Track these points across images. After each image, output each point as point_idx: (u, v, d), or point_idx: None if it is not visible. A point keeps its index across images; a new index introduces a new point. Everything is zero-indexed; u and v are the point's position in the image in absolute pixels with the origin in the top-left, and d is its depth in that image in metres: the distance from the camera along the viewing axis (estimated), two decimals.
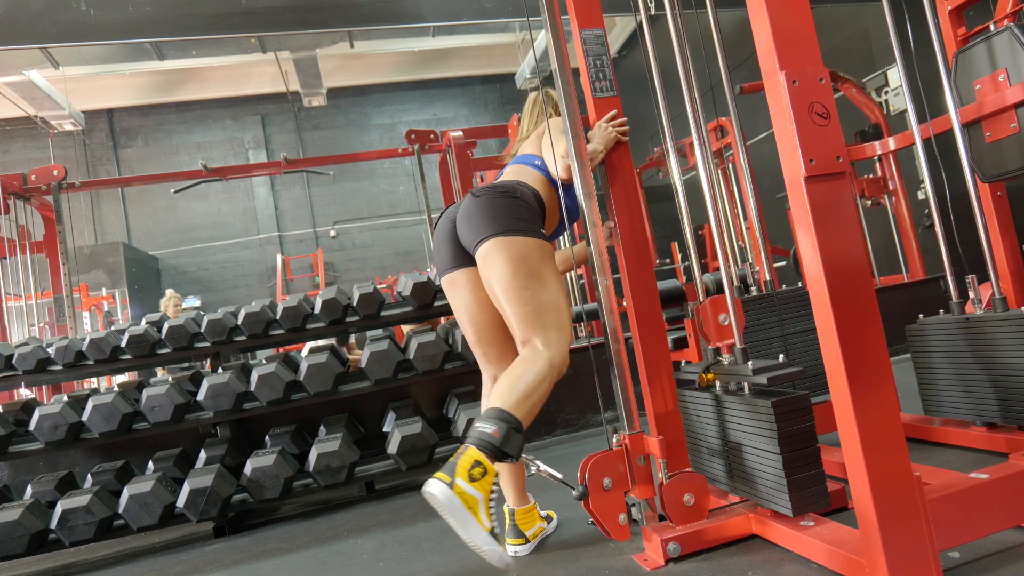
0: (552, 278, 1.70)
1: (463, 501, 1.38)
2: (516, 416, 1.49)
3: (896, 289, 4.50)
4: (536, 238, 1.70)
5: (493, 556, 1.41)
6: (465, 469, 1.40)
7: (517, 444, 1.47)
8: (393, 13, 5.32)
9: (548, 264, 1.70)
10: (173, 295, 5.87)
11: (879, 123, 5.13)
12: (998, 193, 2.27)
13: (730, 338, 1.69)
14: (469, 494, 1.39)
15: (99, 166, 11.80)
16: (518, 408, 1.51)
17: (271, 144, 12.44)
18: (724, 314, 1.70)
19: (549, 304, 1.66)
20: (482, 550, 1.40)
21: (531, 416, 1.54)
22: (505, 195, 1.72)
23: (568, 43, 1.76)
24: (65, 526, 2.45)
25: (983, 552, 1.38)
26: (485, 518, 1.40)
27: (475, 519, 1.38)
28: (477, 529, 1.38)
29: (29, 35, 4.70)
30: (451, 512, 1.38)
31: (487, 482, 1.41)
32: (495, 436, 1.45)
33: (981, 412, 2.00)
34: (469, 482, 1.39)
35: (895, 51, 2.12)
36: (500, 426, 1.46)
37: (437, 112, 13.09)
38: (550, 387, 1.59)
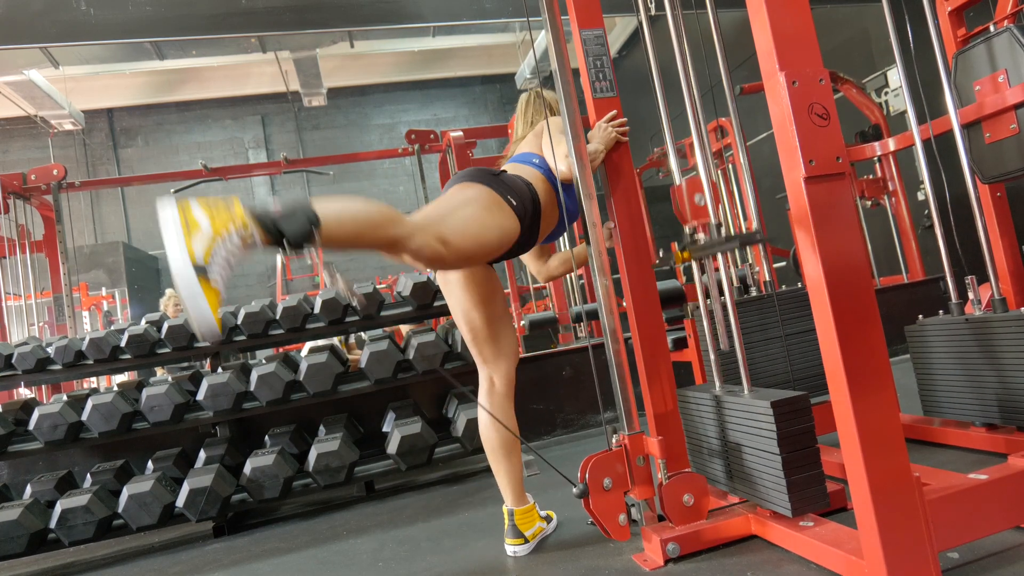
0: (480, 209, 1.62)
1: (183, 217, 1.23)
2: (317, 213, 1.31)
3: (896, 290, 4.50)
4: (494, 191, 1.68)
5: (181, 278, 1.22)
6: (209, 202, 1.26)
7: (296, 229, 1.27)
8: (393, 13, 5.32)
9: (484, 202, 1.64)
10: (173, 295, 5.74)
11: (879, 124, 5.13)
12: (998, 194, 2.27)
13: (706, 217, 1.71)
14: (195, 217, 1.24)
15: (99, 166, 11.80)
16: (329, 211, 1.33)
17: (271, 144, 12.44)
18: (700, 194, 1.70)
19: (461, 212, 1.60)
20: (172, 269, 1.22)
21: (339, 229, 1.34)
22: (485, 170, 1.76)
23: (568, 43, 1.76)
24: (64, 526, 2.45)
25: (982, 553, 1.38)
26: (199, 249, 1.22)
27: (184, 241, 1.22)
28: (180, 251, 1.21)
29: (29, 35, 4.69)
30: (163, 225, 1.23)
31: (223, 220, 1.25)
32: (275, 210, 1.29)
33: (980, 413, 2.00)
34: (204, 209, 1.25)
35: (895, 52, 2.13)
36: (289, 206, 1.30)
37: (437, 112, 13.08)
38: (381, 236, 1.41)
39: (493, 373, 1.88)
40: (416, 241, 1.45)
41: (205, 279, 1.22)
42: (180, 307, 5.64)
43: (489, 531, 2.07)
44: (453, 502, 2.55)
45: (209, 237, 1.23)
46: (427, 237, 1.47)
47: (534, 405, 3.53)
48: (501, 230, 1.65)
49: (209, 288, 1.23)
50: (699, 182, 1.71)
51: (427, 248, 1.47)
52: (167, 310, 5.59)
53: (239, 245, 1.27)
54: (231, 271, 1.28)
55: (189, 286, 1.21)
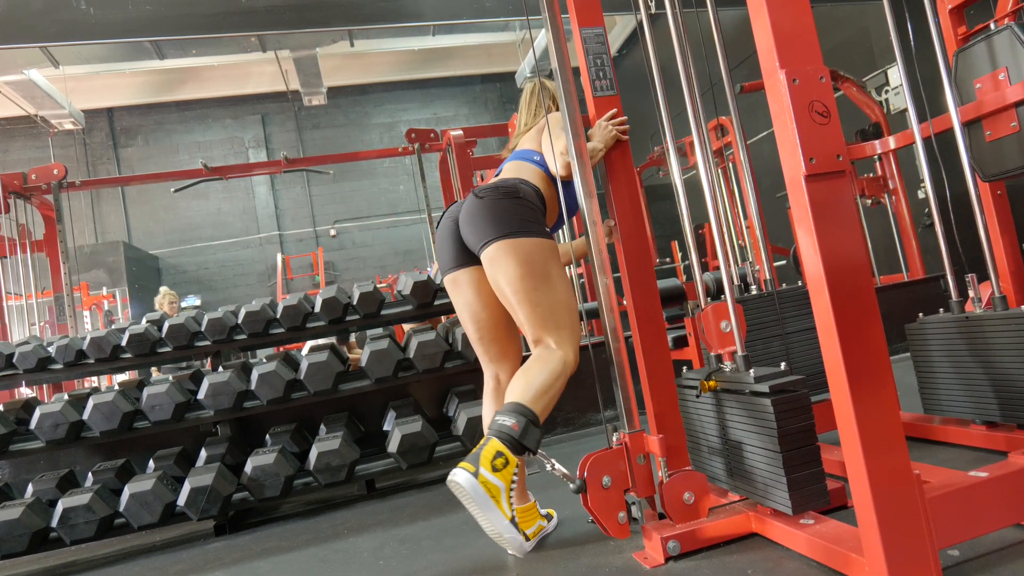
0: (559, 277, 1.73)
1: (487, 490, 1.45)
2: (533, 410, 1.56)
3: (896, 288, 4.51)
4: (541, 237, 1.72)
5: (514, 544, 1.48)
6: (488, 459, 1.47)
7: (535, 437, 1.53)
8: (393, 12, 5.32)
9: (554, 263, 1.73)
10: (168, 292, 5.78)
11: (879, 122, 5.13)
12: (998, 192, 2.27)
13: (732, 345, 1.70)
14: (492, 483, 1.45)
15: (99, 165, 11.80)
16: (535, 403, 1.57)
17: (271, 143, 12.44)
18: (726, 320, 1.70)
19: (560, 304, 1.70)
20: (504, 538, 1.47)
21: (547, 411, 1.60)
22: (509, 195, 1.73)
23: (568, 42, 1.77)
24: (66, 524, 2.46)
25: (982, 550, 1.38)
26: (507, 507, 1.47)
27: (498, 507, 1.45)
28: (499, 517, 1.46)
29: (29, 34, 4.70)
30: (475, 500, 1.45)
31: (508, 472, 1.48)
32: (515, 429, 1.51)
33: (981, 411, 2.00)
34: (492, 472, 1.46)
35: (895, 50, 2.12)
36: (519, 419, 1.53)
37: (437, 111, 13.09)
38: (564, 384, 1.65)
39: (499, 371, 1.89)
40: (571, 364, 1.69)
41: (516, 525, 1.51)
42: (174, 304, 5.66)
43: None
44: (454, 501, 2.55)
45: (506, 491, 1.49)
46: (573, 359, 1.70)
47: None
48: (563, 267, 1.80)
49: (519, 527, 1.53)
50: (725, 309, 1.69)
51: (574, 359, 1.71)
52: (162, 308, 5.57)
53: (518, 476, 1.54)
54: None
55: (515, 539, 1.51)
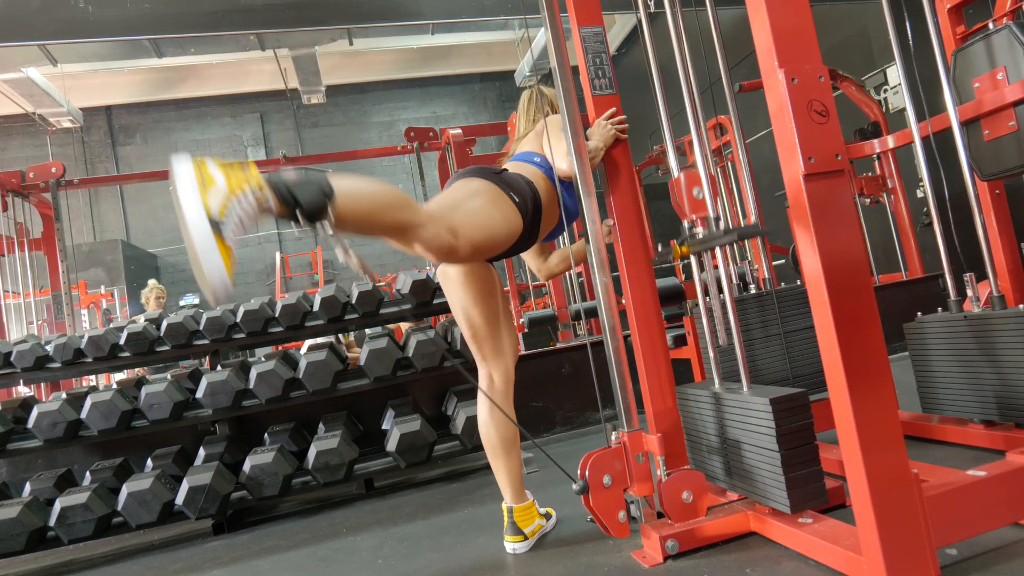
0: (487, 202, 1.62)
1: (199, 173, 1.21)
2: (334, 188, 1.29)
3: (895, 287, 4.51)
4: (497, 186, 1.68)
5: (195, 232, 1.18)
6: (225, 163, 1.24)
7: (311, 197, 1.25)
8: (392, 10, 5.31)
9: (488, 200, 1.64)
10: (155, 286, 5.58)
11: (878, 121, 5.13)
12: (996, 191, 2.28)
13: (704, 211, 1.69)
14: (210, 174, 1.21)
15: (98, 163, 11.79)
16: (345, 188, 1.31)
17: (270, 142, 12.43)
18: (698, 187, 1.69)
19: (470, 204, 1.60)
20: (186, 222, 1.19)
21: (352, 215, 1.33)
22: (487, 168, 1.76)
23: (567, 41, 1.76)
24: (64, 523, 2.45)
25: (980, 549, 1.38)
26: (215, 204, 1.19)
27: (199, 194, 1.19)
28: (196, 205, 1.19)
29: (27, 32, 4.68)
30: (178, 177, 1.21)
31: (238, 180, 1.22)
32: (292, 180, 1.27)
33: (979, 410, 2.00)
34: (220, 167, 1.23)
35: (894, 49, 2.13)
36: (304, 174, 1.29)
37: (436, 110, 13.08)
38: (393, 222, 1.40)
39: (493, 371, 1.88)
40: (428, 230, 1.44)
41: (219, 235, 1.19)
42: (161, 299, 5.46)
43: (488, 528, 2.08)
44: (452, 499, 2.55)
45: (224, 194, 1.20)
46: (439, 227, 1.46)
47: (534, 403, 3.53)
48: (507, 223, 1.67)
49: (223, 245, 1.19)
50: (697, 175, 1.69)
51: (439, 238, 1.46)
52: (147, 302, 5.44)
53: (254, 207, 1.23)
54: (244, 232, 1.24)
55: (204, 240, 1.17)
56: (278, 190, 1.25)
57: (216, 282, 1.19)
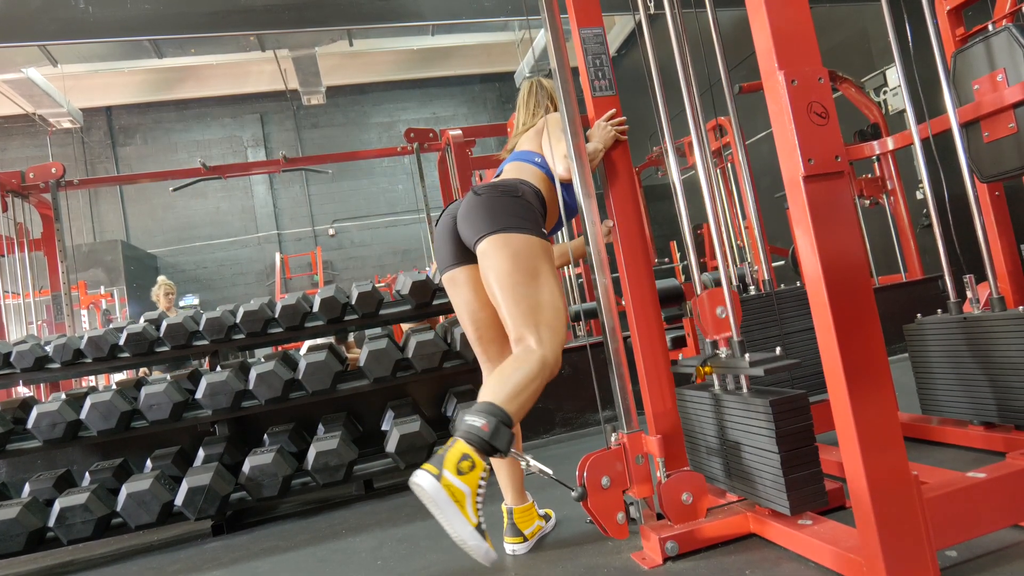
0: (549, 276, 1.69)
1: (450, 494, 1.38)
2: (506, 411, 1.49)
3: (894, 289, 4.51)
4: (535, 236, 1.70)
5: (479, 552, 1.40)
6: (453, 462, 1.40)
7: (506, 439, 1.46)
8: (392, 11, 5.31)
9: (546, 262, 1.70)
10: (164, 282, 5.52)
11: (878, 123, 5.14)
12: (996, 193, 2.28)
13: (727, 331, 1.69)
14: (456, 487, 1.38)
15: (97, 164, 11.79)
16: (509, 403, 1.50)
17: (270, 142, 12.43)
18: (721, 307, 1.70)
19: (545, 303, 1.66)
20: (468, 545, 1.39)
21: (521, 412, 1.54)
22: (507, 193, 1.72)
23: (567, 42, 1.76)
24: (63, 524, 2.45)
25: (980, 551, 1.38)
26: (472, 513, 1.39)
27: (462, 513, 1.38)
28: (463, 523, 1.38)
29: (28, 32, 4.69)
30: (438, 505, 1.38)
31: (475, 476, 1.41)
32: (484, 430, 1.44)
33: (979, 411, 2.00)
34: (457, 475, 1.39)
35: (894, 51, 2.13)
36: (489, 420, 1.45)
37: (436, 111, 13.08)
38: (542, 385, 1.59)
39: None
40: (552, 369, 1.63)
41: (483, 531, 1.42)
42: (171, 295, 5.44)
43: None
44: None
45: (472, 498, 1.41)
46: (553, 360, 1.63)
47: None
48: (555, 272, 1.75)
49: (485, 534, 1.42)
50: (721, 295, 1.69)
51: (555, 360, 1.64)
52: (158, 299, 5.40)
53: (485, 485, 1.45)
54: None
55: (480, 547, 1.40)
56: (488, 453, 1.45)
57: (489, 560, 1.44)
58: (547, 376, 1.61)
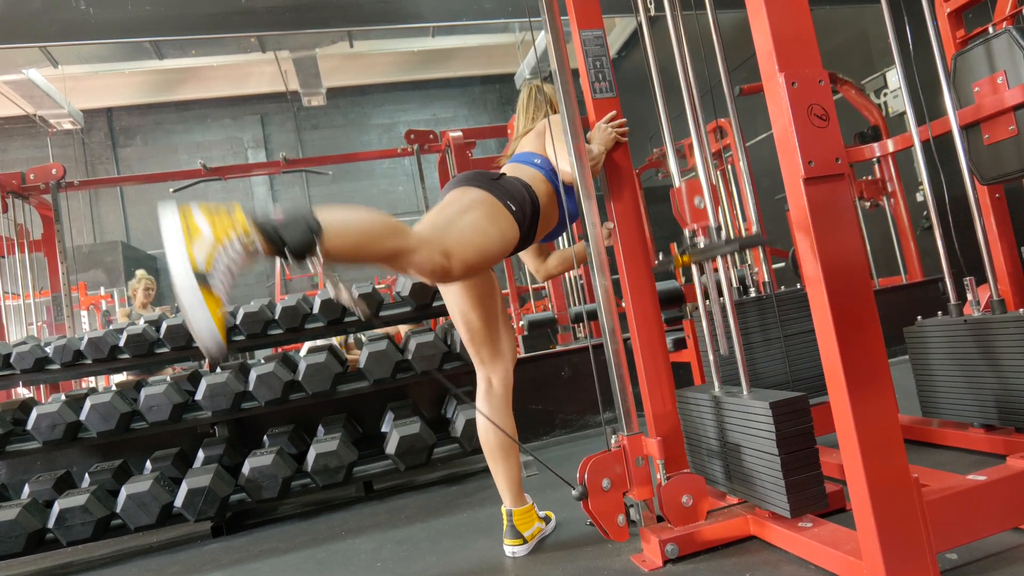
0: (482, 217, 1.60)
1: (184, 224, 1.21)
2: (321, 223, 1.28)
3: (894, 291, 4.51)
4: (494, 196, 1.67)
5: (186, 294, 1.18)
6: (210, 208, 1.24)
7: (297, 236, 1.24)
8: (393, 13, 5.32)
9: (485, 213, 1.61)
10: (144, 276, 5.27)
11: (878, 125, 5.14)
12: (996, 195, 2.27)
13: (705, 220, 1.69)
14: (195, 222, 1.21)
15: (98, 165, 11.79)
16: (332, 222, 1.30)
17: (270, 144, 12.43)
18: (699, 196, 1.69)
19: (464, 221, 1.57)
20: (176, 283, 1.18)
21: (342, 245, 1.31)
22: (485, 173, 1.75)
23: (568, 44, 1.76)
24: (62, 525, 2.45)
25: (981, 554, 1.38)
26: (201, 256, 1.19)
27: (185, 246, 1.19)
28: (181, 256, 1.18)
29: (28, 34, 4.69)
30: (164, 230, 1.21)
31: (224, 226, 1.22)
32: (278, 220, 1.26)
33: (979, 414, 2.00)
34: (205, 214, 1.23)
35: (894, 53, 2.13)
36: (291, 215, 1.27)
37: (436, 112, 13.08)
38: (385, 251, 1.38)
39: (491, 374, 1.87)
40: (420, 255, 1.42)
41: (207, 287, 1.18)
42: (151, 291, 5.25)
43: (488, 531, 2.07)
44: (452, 502, 2.55)
45: (211, 244, 1.20)
46: (431, 251, 1.44)
47: (533, 405, 3.53)
48: (502, 238, 1.65)
49: (211, 297, 1.19)
50: (698, 184, 1.69)
51: (431, 262, 1.44)
52: (135, 295, 5.24)
53: (241, 253, 1.23)
54: (233, 280, 1.24)
55: (191, 295, 1.17)
56: (265, 232, 1.24)
57: (206, 338, 1.19)
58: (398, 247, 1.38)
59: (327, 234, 1.28)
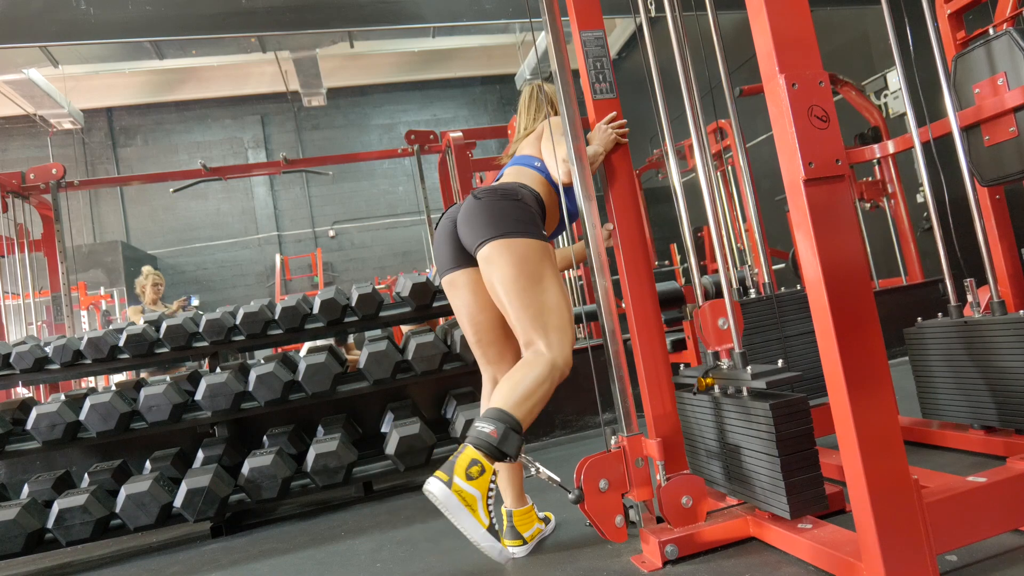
0: (553, 279, 1.71)
1: (461, 499, 1.44)
2: (515, 416, 1.53)
3: (894, 292, 4.51)
4: (536, 239, 1.71)
5: (492, 551, 1.48)
6: (463, 468, 1.46)
7: (515, 444, 1.51)
8: (393, 13, 5.32)
9: (549, 266, 1.71)
10: (152, 272, 5.05)
11: (878, 126, 5.14)
12: (996, 197, 2.28)
13: (729, 342, 1.69)
14: (467, 492, 1.45)
15: (98, 165, 11.79)
16: (517, 408, 1.54)
17: (270, 144, 12.44)
18: (723, 318, 1.70)
19: (551, 306, 1.67)
20: (482, 546, 1.46)
21: (531, 417, 1.57)
22: (507, 197, 1.72)
23: (568, 45, 1.77)
24: (62, 525, 2.45)
25: (981, 555, 1.38)
26: (483, 515, 1.46)
27: (473, 516, 1.45)
28: (475, 526, 1.45)
29: (29, 33, 4.70)
30: (450, 510, 1.44)
31: (485, 480, 1.46)
32: (493, 436, 1.49)
33: (979, 415, 2.00)
34: (467, 480, 1.45)
35: (894, 54, 2.13)
36: (499, 426, 1.51)
37: (437, 113, 13.09)
38: (551, 389, 1.62)
39: (497, 374, 1.89)
40: (562, 373, 1.64)
41: (497, 533, 1.49)
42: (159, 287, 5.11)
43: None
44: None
45: (482, 501, 1.47)
46: (563, 364, 1.64)
47: None
48: (558, 271, 1.77)
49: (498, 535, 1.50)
50: (723, 306, 1.68)
51: (564, 363, 1.65)
52: (143, 292, 5.08)
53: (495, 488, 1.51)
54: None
55: (494, 547, 1.48)
56: (498, 459, 1.50)
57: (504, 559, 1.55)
58: (557, 379, 1.63)
59: (524, 425, 1.55)
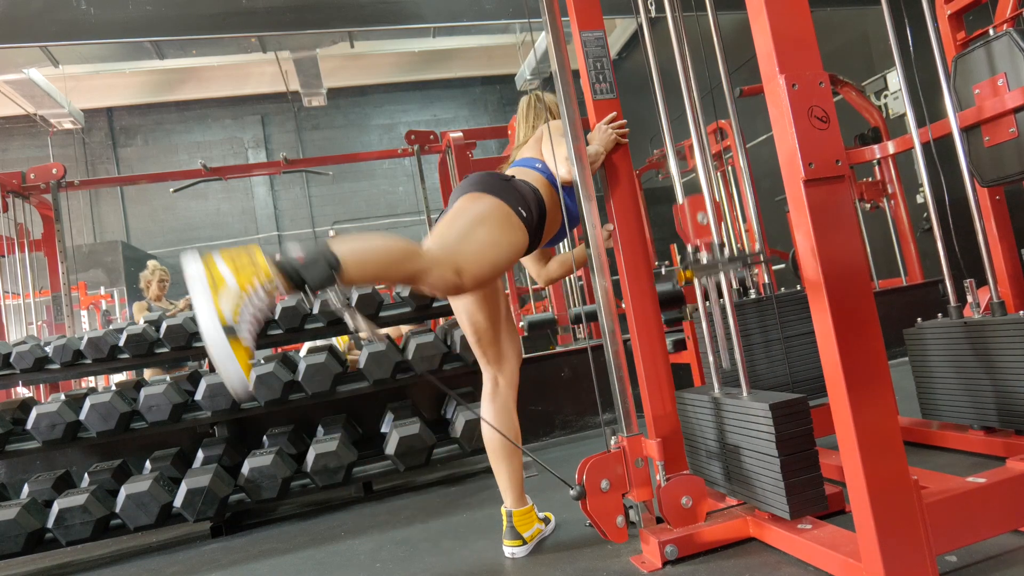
0: (496, 229, 1.61)
1: (209, 276, 1.24)
2: (338, 255, 1.32)
3: (894, 293, 4.51)
4: (508, 205, 1.66)
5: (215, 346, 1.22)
6: (232, 255, 1.27)
7: (318, 275, 1.29)
8: (393, 13, 5.32)
9: (500, 223, 1.63)
10: (158, 267, 5.00)
11: (878, 127, 5.14)
12: (996, 197, 2.27)
13: (709, 236, 1.68)
14: (219, 272, 1.25)
15: (98, 165, 11.80)
16: (348, 253, 1.34)
17: (271, 144, 12.44)
18: (703, 212, 1.69)
19: (475, 237, 1.57)
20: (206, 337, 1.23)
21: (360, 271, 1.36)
22: (502, 179, 1.74)
23: (568, 45, 1.77)
24: (62, 525, 2.45)
25: (980, 556, 1.38)
26: (227, 308, 1.23)
27: (212, 300, 1.22)
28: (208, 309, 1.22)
29: (29, 33, 4.69)
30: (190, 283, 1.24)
31: (247, 275, 1.25)
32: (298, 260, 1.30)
33: (979, 416, 2.00)
34: (227, 262, 1.26)
35: (894, 55, 2.13)
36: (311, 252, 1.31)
37: (437, 113, 13.10)
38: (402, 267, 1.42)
39: (498, 374, 1.89)
40: (434, 275, 1.46)
41: (235, 339, 1.23)
42: (165, 282, 4.99)
43: (487, 532, 2.07)
44: (451, 503, 2.55)
45: (236, 294, 1.24)
46: (443, 270, 1.47)
47: (533, 406, 3.53)
48: (513, 247, 1.67)
49: (240, 347, 1.23)
50: (702, 200, 1.69)
51: (443, 281, 1.48)
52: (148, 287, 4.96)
53: (265, 299, 1.28)
54: (260, 325, 1.29)
55: (221, 349, 1.22)
56: (287, 274, 1.28)
57: (236, 387, 1.27)
58: (415, 269, 1.43)
59: (346, 268, 1.33)
